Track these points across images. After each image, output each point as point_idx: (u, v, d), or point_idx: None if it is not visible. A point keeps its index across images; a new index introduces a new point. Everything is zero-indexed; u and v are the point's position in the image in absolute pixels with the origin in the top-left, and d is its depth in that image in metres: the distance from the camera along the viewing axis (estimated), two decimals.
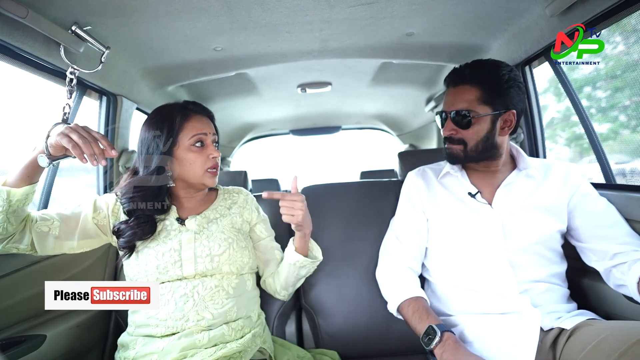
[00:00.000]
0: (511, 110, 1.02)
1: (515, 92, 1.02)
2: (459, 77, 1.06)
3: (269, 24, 1.24)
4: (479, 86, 1.02)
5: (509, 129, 1.04)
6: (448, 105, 1.07)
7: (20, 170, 0.85)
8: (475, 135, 1.03)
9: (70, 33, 1.05)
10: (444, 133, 1.08)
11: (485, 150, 1.04)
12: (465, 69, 1.05)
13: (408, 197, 1.21)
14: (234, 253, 1.02)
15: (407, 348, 1.19)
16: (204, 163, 1.02)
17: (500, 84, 1.01)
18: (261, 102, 2.49)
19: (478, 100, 1.01)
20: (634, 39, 1.15)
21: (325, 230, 1.37)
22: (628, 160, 1.36)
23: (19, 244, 0.91)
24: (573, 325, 0.89)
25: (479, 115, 1.01)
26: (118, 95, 1.52)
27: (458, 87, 1.05)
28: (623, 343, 0.73)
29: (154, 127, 1.01)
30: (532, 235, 1.02)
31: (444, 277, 1.11)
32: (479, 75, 1.03)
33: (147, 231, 0.99)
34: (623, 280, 0.90)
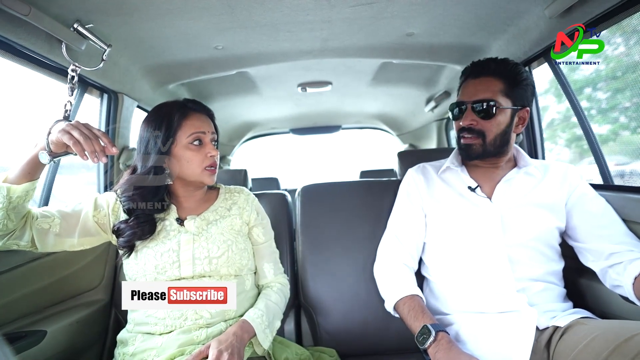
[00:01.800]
0: (526, 108, 1.06)
1: (530, 91, 1.06)
2: (482, 69, 1.06)
3: (269, 23, 1.24)
4: (503, 79, 1.03)
5: (522, 126, 1.07)
6: (469, 95, 1.05)
7: (21, 167, 0.85)
8: (496, 128, 1.03)
9: (72, 31, 1.06)
10: (464, 123, 1.06)
11: (501, 145, 1.06)
12: (491, 63, 1.06)
13: (407, 192, 1.21)
14: (232, 255, 1.02)
15: (405, 346, 1.19)
16: (202, 161, 1.02)
17: (520, 80, 1.04)
18: (261, 101, 2.50)
19: (501, 92, 1.03)
20: (633, 41, 1.15)
21: (324, 229, 1.38)
22: (627, 162, 1.36)
23: (19, 241, 0.91)
24: (567, 322, 0.90)
25: (502, 107, 1.02)
26: (119, 93, 1.52)
27: (481, 78, 1.05)
28: (611, 342, 0.75)
29: (153, 125, 1.01)
30: (530, 231, 1.02)
31: (442, 274, 1.12)
32: (504, 69, 1.04)
33: (147, 231, 0.99)
34: (619, 281, 0.91)
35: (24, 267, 1.07)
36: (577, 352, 0.80)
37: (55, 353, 1.07)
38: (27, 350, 0.98)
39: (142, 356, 0.92)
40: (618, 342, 0.74)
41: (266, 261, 1.15)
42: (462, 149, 1.10)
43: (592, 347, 0.78)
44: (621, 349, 0.73)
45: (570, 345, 0.84)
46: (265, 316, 0.99)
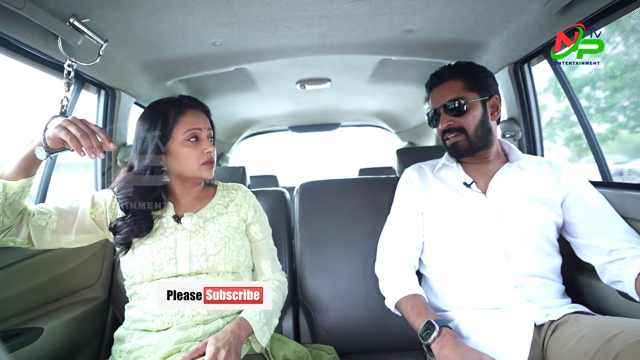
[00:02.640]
0: (494, 96, 1.13)
1: (492, 80, 1.14)
2: (440, 77, 1.15)
3: (268, 18, 1.23)
4: (463, 79, 1.11)
5: (497, 113, 1.14)
6: (438, 101, 1.13)
7: (17, 163, 0.85)
8: (473, 120, 1.09)
9: (68, 25, 1.04)
10: (442, 126, 1.13)
11: (484, 135, 1.10)
12: (446, 70, 1.15)
13: (403, 192, 1.23)
14: (229, 252, 1.02)
15: (404, 344, 1.19)
16: (199, 158, 1.01)
17: (478, 73, 1.13)
18: (260, 98, 2.49)
19: (465, 89, 1.10)
20: (633, 39, 1.15)
21: (323, 226, 1.38)
22: (626, 160, 1.36)
23: (15, 237, 0.91)
24: (561, 315, 0.92)
25: (471, 100, 1.08)
26: (116, 89, 1.51)
27: (442, 84, 1.14)
28: (598, 341, 0.76)
29: (149, 122, 1.00)
30: (526, 225, 1.03)
31: (440, 271, 1.12)
32: (459, 70, 1.14)
33: (144, 228, 0.99)
34: (620, 276, 0.91)
35: (20, 264, 1.07)
36: (567, 350, 0.82)
37: (52, 350, 1.06)
38: (24, 347, 0.97)
39: (139, 353, 0.91)
40: (603, 340, 0.75)
41: (264, 258, 1.15)
42: (450, 150, 1.16)
43: (580, 345, 0.80)
44: (605, 347, 0.74)
45: (561, 342, 0.85)
46: (263, 314, 0.98)
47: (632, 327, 0.75)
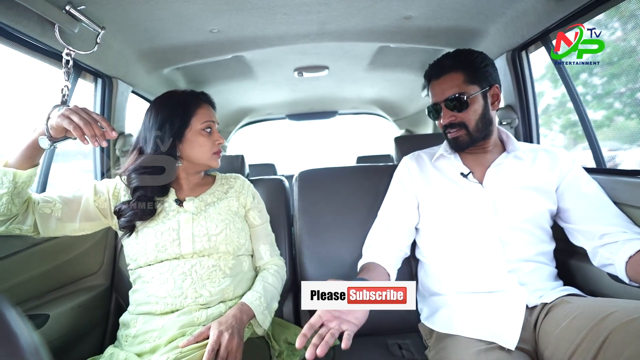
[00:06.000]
0: (495, 85, 1.11)
1: (491, 69, 1.11)
2: (440, 69, 1.12)
3: (266, 5, 1.22)
4: (462, 70, 1.09)
5: (498, 102, 1.12)
6: (439, 96, 1.11)
7: (21, 152, 0.86)
8: (474, 115, 1.08)
9: (64, 13, 1.03)
10: (444, 121, 1.11)
11: (485, 127, 1.10)
12: (444, 60, 1.12)
13: (400, 179, 1.24)
14: (230, 233, 1.06)
15: (401, 326, 1.23)
16: (211, 147, 1.09)
17: (478, 64, 1.09)
18: (258, 86, 2.48)
19: (465, 82, 1.08)
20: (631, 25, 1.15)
21: (321, 213, 1.40)
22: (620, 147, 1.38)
23: (22, 225, 0.93)
24: (554, 298, 0.94)
25: (472, 94, 1.07)
26: (113, 78, 1.50)
27: (442, 77, 1.11)
28: (591, 320, 0.79)
29: (168, 109, 1.06)
30: (522, 213, 1.05)
31: (436, 257, 1.15)
32: (459, 61, 1.10)
33: (147, 212, 1.03)
34: (611, 259, 0.94)
35: (25, 252, 1.08)
36: (560, 330, 0.84)
37: (59, 336, 1.09)
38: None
39: (144, 337, 0.94)
40: (596, 320, 0.78)
41: (262, 243, 1.19)
42: (451, 143, 1.16)
43: (573, 325, 0.82)
44: (598, 326, 0.76)
45: (554, 324, 0.88)
46: (263, 298, 1.02)
47: (624, 307, 0.77)
